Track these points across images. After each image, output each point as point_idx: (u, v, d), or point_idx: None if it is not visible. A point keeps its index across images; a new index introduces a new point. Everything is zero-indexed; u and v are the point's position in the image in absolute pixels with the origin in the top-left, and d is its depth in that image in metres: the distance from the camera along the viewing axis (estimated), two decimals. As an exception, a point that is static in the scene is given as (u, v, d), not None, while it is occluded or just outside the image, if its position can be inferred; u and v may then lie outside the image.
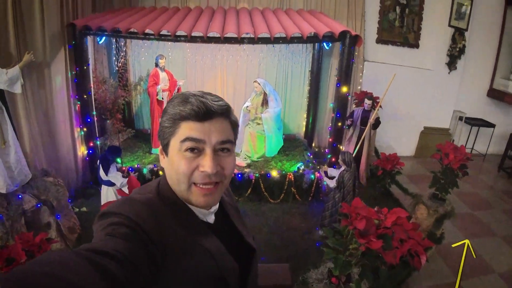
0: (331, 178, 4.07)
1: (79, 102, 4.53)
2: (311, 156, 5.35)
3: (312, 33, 4.33)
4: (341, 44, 4.37)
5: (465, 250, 2.35)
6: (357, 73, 5.93)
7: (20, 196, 3.43)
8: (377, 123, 4.98)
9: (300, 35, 4.30)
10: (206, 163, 0.84)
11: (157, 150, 5.18)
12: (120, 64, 5.65)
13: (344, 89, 4.47)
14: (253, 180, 4.79)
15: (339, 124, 4.66)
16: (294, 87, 6.14)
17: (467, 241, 2.36)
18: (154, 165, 4.89)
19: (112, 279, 0.59)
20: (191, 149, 0.85)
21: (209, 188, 0.87)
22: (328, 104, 5.98)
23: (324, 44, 5.00)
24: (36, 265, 0.52)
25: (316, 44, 5.56)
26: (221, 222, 1.03)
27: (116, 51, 5.59)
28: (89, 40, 4.51)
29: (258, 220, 4.45)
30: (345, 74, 4.43)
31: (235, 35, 4.26)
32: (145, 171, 4.79)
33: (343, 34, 4.25)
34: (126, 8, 5.35)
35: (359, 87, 5.99)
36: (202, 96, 0.86)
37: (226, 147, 0.89)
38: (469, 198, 5.42)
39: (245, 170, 4.90)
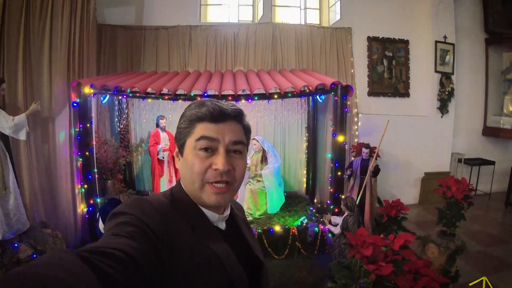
0: (335, 225, 4.23)
1: (81, 159, 4.80)
2: (314, 210, 5.54)
3: (305, 87, 4.83)
4: (334, 95, 4.85)
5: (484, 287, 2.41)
6: (352, 126, 6.40)
7: (16, 245, 3.57)
8: (376, 170, 5.27)
9: (293, 89, 4.80)
10: (219, 161, 0.93)
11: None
12: (122, 126, 6.07)
13: (341, 138, 4.83)
14: (256, 236, 4.89)
15: (339, 173, 4.95)
16: (292, 144, 6.55)
17: (484, 278, 2.41)
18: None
19: (109, 281, 0.63)
20: (205, 149, 0.95)
21: (221, 187, 0.95)
22: (326, 156, 6.35)
23: (317, 97, 5.53)
24: (34, 267, 0.55)
25: (310, 100, 6.11)
26: (232, 232, 1.09)
27: (118, 113, 6.06)
28: (93, 100, 4.95)
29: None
30: (340, 124, 4.82)
31: (232, 92, 4.75)
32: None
33: (334, 85, 4.75)
34: (128, 72, 5.97)
35: (356, 140, 6.41)
36: (217, 101, 0.99)
37: (238, 148, 0.99)
38: (480, 236, 5.53)
39: (247, 226, 5.02)
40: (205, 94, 4.74)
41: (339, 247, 4.01)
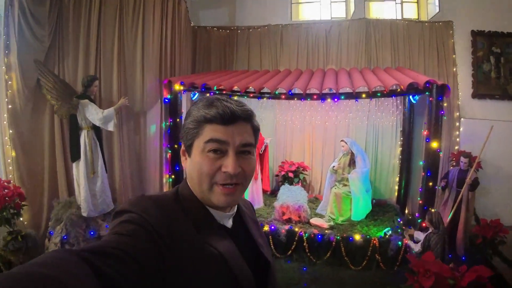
0: (417, 242, 3.97)
1: (170, 151, 5.33)
2: (401, 222, 5.24)
3: (396, 86, 4.60)
4: (428, 95, 4.54)
5: None
6: (452, 131, 5.89)
7: (99, 222, 4.16)
8: (475, 183, 4.76)
9: (383, 89, 4.61)
10: (229, 164, 0.93)
11: (242, 200, 5.74)
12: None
13: (435, 144, 4.51)
14: (333, 243, 4.83)
15: (430, 184, 4.62)
16: (385, 148, 6.29)
17: None
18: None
19: (110, 281, 0.65)
20: (214, 151, 0.94)
21: (230, 188, 0.96)
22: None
23: (411, 97, 5.20)
24: (34, 266, 0.57)
25: (407, 101, 5.78)
26: (239, 230, 1.09)
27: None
28: (184, 96, 5.44)
29: (337, 287, 4.38)
30: (435, 128, 4.50)
31: (317, 91, 4.76)
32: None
33: (429, 84, 4.44)
34: (220, 71, 6.39)
35: (456, 147, 5.87)
36: (227, 101, 0.98)
37: (247, 149, 0.99)
38: None
39: (326, 231, 5.00)
40: (290, 93, 4.85)
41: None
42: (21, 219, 4.05)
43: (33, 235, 3.97)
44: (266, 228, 5.02)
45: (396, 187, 6.24)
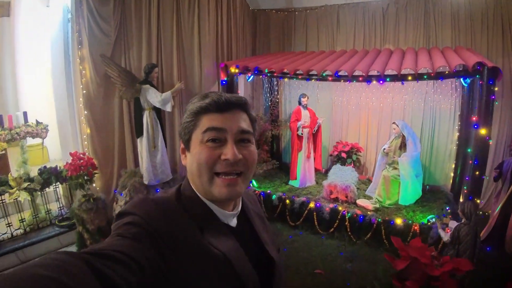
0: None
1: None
2: (449, 211, 5.14)
3: (442, 67, 4.47)
4: (479, 79, 4.36)
5: None
6: None
7: (157, 190, 4.93)
8: (532, 176, 4.44)
9: (430, 71, 4.52)
10: (229, 151, 0.93)
11: (293, 182, 6.09)
12: (271, 102, 6.95)
13: (483, 131, 4.34)
14: (374, 225, 4.98)
15: (477, 173, 4.48)
16: (442, 132, 6.07)
17: None
18: (283, 193, 5.73)
19: (110, 284, 0.65)
20: (213, 140, 0.94)
21: (232, 178, 0.95)
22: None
23: (462, 80, 4.98)
24: (35, 268, 0.57)
25: (466, 83, 5.45)
26: (244, 228, 1.08)
27: (269, 89, 6.95)
28: (240, 78, 5.90)
29: (370, 268, 4.50)
30: (485, 114, 4.33)
31: (362, 73, 4.83)
32: (274, 197, 5.68)
33: (480, 66, 4.25)
34: (278, 52, 6.73)
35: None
36: (220, 92, 1.00)
37: (246, 137, 0.99)
38: None
39: (368, 213, 5.16)
40: (337, 74, 5.01)
41: (446, 256, 3.78)
42: (93, 185, 4.99)
43: (103, 199, 4.88)
44: (311, 205, 5.37)
45: (452, 174, 5.99)
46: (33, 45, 6.11)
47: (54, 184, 4.96)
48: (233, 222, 1.05)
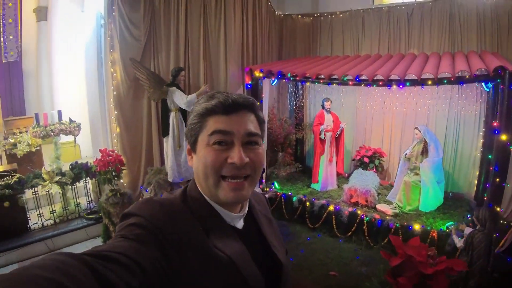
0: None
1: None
2: (469, 219, 5.06)
3: (462, 72, 4.44)
4: (500, 83, 4.30)
5: None
6: None
7: (181, 187, 5.17)
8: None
9: (450, 76, 4.48)
10: (235, 154, 0.91)
11: (315, 185, 6.17)
12: (296, 106, 7.08)
13: (504, 137, 4.25)
14: (392, 230, 4.97)
15: (497, 180, 4.38)
16: (466, 138, 5.95)
17: None
18: (304, 195, 5.82)
19: (110, 286, 0.65)
20: (219, 143, 0.92)
21: (238, 182, 0.94)
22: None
23: (483, 85, 4.93)
24: (34, 269, 0.57)
25: (491, 89, 5.33)
26: (250, 230, 1.07)
27: (295, 93, 7.08)
28: (264, 82, 6.03)
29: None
30: (507, 119, 4.24)
31: (382, 78, 4.86)
32: (294, 199, 5.76)
33: (500, 70, 4.19)
34: (303, 57, 6.85)
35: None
36: (227, 93, 0.98)
37: (253, 140, 0.97)
38: None
39: (387, 217, 5.16)
40: (357, 79, 5.05)
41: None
42: (121, 180, 5.28)
43: (129, 194, 5.14)
44: (331, 208, 5.43)
45: (476, 182, 5.85)
46: (69, 48, 6.48)
47: (84, 179, 5.31)
48: (240, 224, 1.04)
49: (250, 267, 0.95)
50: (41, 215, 4.93)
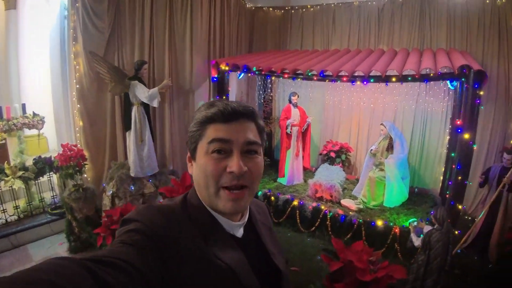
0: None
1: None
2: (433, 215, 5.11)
3: (428, 69, 4.43)
4: (464, 82, 4.30)
5: None
6: (510, 123, 5.37)
7: (149, 181, 5.21)
8: (515, 184, 4.28)
9: (414, 73, 4.46)
10: (234, 163, 0.91)
11: (281, 180, 6.16)
12: (263, 99, 7.05)
13: (467, 135, 4.25)
14: (355, 225, 5.01)
15: (459, 178, 4.40)
16: (432, 135, 6.01)
17: None
18: (269, 190, 5.82)
19: None
20: (218, 151, 0.93)
21: (238, 193, 0.94)
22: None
23: (448, 83, 4.93)
24: (33, 272, 0.58)
25: (458, 87, 5.31)
26: (250, 238, 1.07)
27: (262, 87, 7.05)
28: (231, 75, 5.99)
29: None
30: (469, 118, 4.26)
31: (347, 74, 4.83)
32: (259, 193, 5.74)
33: (464, 69, 4.19)
34: (272, 50, 6.78)
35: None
36: (228, 101, 0.98)
37: (253, 148, 0.97)
38: None
39: (350, 213, 5.19)
40: (322, 74, 5.01)
41: (417, 262, 3.71)
42: (84, 175, 5.23)
43: (92, 189, 5.08)
44: (295, 202, 5.45)
45: (441, 178, 5.91)
46: (35, 39, 6.33)
47: (48, 174, 5.23)
48: (239, 232, 1.04)
49: (249, 276, 0.95)
50: (5, 210, 4.88)
